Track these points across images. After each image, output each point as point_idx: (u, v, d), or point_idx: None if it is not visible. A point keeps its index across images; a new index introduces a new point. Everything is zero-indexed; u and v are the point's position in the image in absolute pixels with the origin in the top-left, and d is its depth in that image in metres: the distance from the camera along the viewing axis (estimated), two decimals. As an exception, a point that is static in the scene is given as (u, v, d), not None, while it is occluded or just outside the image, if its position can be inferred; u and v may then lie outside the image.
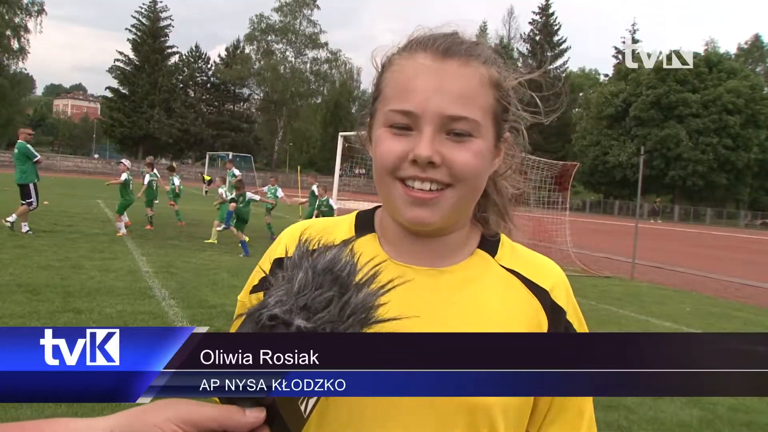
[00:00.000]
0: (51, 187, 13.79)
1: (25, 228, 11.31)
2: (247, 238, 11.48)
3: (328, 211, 13.04)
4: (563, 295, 0.90)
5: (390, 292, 0.71)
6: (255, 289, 0.93)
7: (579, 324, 0.90)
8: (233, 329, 0.94)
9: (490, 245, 0.93)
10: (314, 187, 14.69)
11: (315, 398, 0.67)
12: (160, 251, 10.84)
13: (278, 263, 0.90)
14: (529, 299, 0.88)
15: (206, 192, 33.80)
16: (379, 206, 0.96)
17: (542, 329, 0.87)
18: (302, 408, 0.65)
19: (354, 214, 1.00)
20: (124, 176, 13.04)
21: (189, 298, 7.38)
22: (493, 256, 0.92)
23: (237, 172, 15.81)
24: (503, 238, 0.95)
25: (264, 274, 0.90)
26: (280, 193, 15.88)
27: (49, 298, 6.72)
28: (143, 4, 73.01)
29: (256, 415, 0.62)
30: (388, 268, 0.77)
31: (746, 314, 9.92)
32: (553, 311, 0.88)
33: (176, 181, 15.10)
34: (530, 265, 0.92)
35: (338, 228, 0.96)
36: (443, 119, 0.82)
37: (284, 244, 0.93)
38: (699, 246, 26.79)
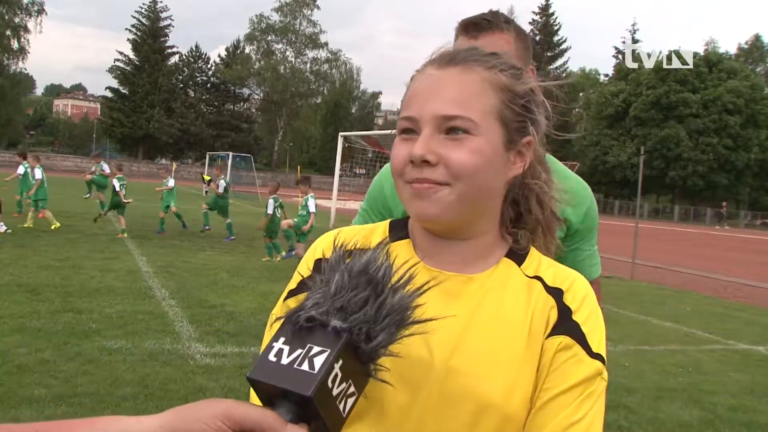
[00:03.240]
0: (51, 187, 13.78)
1: (2, 228, 11.24)
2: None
3: (303, 217, 11.11)
4: (578, 298, 0.91)
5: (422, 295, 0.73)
6: (292, 294, 0.95)
7: (590, 328, 0.89)
8: (269, 333, 0.94)
9: (517, 256, 0.95)
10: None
11: (354, 397, 0.68)
12: (160, 251, 10.84)
13: (316, 266, 0.94)
14: (546, 299, 0.90)
15: (206, 192, 33.82)
16: None
17: (550, 326, 0.88)
18: (341, 407, 0.66)
19: (388, 221, 1.04)
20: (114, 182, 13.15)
21: (189, 298, 7.38)
22: (519, 266, 0.94)
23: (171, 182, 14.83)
24: (533, 251, 0.97)
25: (301, 278, 0.93)
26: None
27: (49, 298, 6.72)
28: (143, 4, 73.04)
29: (295, 430, 0.63)
30: (421, 272, 0.81)
31: (746, 314, 9.92)
32: (563, 310, 0.89)
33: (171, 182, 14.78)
34: (553, 273, 0.94)
35: (373, 234, 1.00)
36: (438, 119, 0.86)
37: (321, 249, 0.98)
38: (699, 246, 26.79)
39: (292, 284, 0.96)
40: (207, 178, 34.19)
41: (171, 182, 14.68)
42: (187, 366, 4.96)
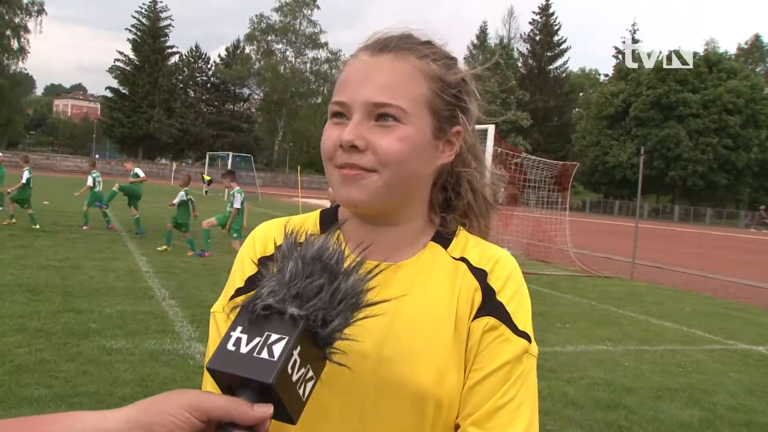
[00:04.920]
0: (51, 187, 13.77)
1: None
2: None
3: (225, 215, 10.64)
4: (502, 278, 0.91)
5: None
6: (240, 292, 0.94)
7: (515, 307, 0.89)
8: (213, 328, 0.97)
9: (443, 239, 0.96)
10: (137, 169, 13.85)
11: (312, 381, 0.69)
12: (160, 251, 10.85)
13: (262, 261, 0.94)
14: (471, 281, 0.91)
15: (206, 192, 33.83)
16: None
17: (475, 308, 0.89)
18: (300, 392, 0.68)
19: (318, 211, 1.05)
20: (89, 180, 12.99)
21: (189, 298, 7.38)
22: (446, 249, 0.95)
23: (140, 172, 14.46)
24: (462, 233, 0.98)
25: (250, 274, 0.94)
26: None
27: (49, 298, 6.72)
28: (143, 4, 73.10)
29: (264, 410, 0.64)
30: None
31: (746, 314, 9.92)
32: (486, 291, 0.90)
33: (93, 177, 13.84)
34: (478, 253, 0.95)
35: (305, 224, 1.01)
36: (368, 106, 0.86)
37: (262, 243, 0.98)
38: (699, 246, 26.80)
39: (238, 282, 0.95)
40: (207, 178, 34.23)
41: (89, 181, 13.87)
42: (187, 366, 4.96)
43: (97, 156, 71.31)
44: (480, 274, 0.92)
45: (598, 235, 26.77)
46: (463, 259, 0.94)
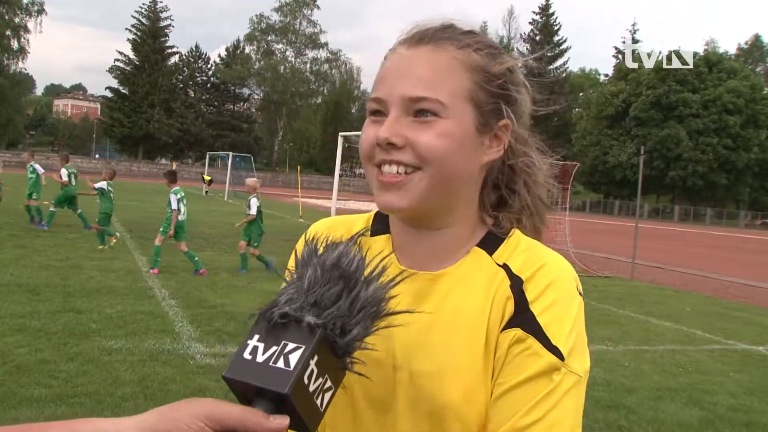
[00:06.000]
0: (50, 187, 13.77)
1: None
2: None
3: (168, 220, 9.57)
4: (540, 287, 0.82)
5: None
6: None
7: (549, 319, 0.80)
8: None
9: (491, 243, 0.89)
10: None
11: (331, 392, 0.68)
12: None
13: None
14: (505, 290, 0.84)
15: (206, 192, 33.82)
16: None
17: (506, 319, 0.82)
18: (318, 402, 0.66)
19: (374, 212, 0.99)
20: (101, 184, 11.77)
21: (189, 298, 7.38)
22: (491, 254, 0.88)
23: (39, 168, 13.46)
24: (515, 235, 0.90)
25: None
26: (40, 168, 13.38)
27: (49, 298, 6.72)
28: (143, 4, 73.10)
29: (279, 421, 0.63)
30: (391, 268, 0.78)
31: (746, 314, 9.92)
32: (519, 300, 0.83)
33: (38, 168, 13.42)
34: (524, 258, 0.87)
35: (354, 225, 0.98)
36: (406, 101, 0.82)
37: (312, 235, 0.95)
38: (699, 246, 26.80)
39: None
40: (207, 178, 34.22)
41: (64, 176, 13.30)
42: (187, 366, 4.95)
43: (97, 156, 71.38)
44: (516, 282, 0.84)
45: (598, 235, 26.76)
46: (504, 266, 0.86)
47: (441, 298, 0.86)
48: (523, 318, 0.81)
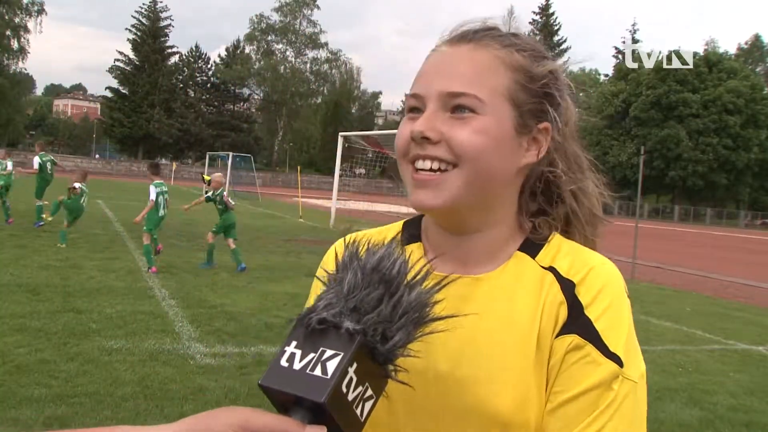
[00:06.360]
0: (50, 187, 13.77)
1: None
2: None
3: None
4: (593, 291, 0.81)
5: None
6: None
7: (606, 325, 0.79)
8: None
9: (532, 247, 0.87)
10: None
11: (372, 401, 0.65)
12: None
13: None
14: (557, 294, 0.82)
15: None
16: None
17: (560, 324, 0.80)
18: (358, 412, 0.64)
19: (402, 222, 0.98)
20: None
21: (189, 298, 7.38)
22: (534, 257, 0.86)
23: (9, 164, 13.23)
24: (556, 239, 0.88)
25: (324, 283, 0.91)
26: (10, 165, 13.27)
27: (49, 298, 6.72)
28: (143, 4, 73.09)
29: (316, 429, 0.61)
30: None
31: (746, 314, 9.92)
32: (573, 305, 0.80)
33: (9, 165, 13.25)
34: (570, 261, 0.85)
35: (387, 235, 0.96)
36: (443, 97, 0.81)
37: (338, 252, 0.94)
38: (699, 246, 26.80)
39: (317, 289, 0.90)
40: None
41: (9, 165, 13.27)
42: (187, 366, 4.95)
43: (97, 156, 71.41)
44: (567, 285, 0.82)
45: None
46: (551, 269, 0.84)
47: (486, 302, 0.83)
48: (578, 323, 0.79)
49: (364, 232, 0.97)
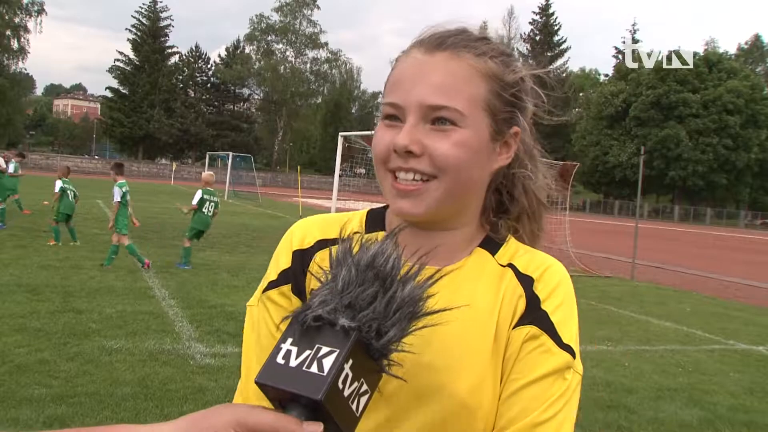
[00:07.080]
0: (50, 188, 13.77)
1: None
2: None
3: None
4: (549, 287, 0.86)
5: None
6: (273, 285, 0.92)
7: (560, 318, 0.84)
8: (248, 321, 0.95)
9: (492, 245, 0.92)
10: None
11: (367, 395, 0.66)
12: (160, 251, 10.84)
13: (297, 255, 0.92)
14: (515, 288, 0.87)
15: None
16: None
17: (517, 316, 0.85)
18: (353, 407, 0.64)
19: (365, 210, 0.99)
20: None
21: (189, 298, 7.38)
22: (493, 255, 0.91)
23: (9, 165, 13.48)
24: (512, 241, 0.93)
25: (282, 269, 0.92)
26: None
27: (49, 298, 6.72)
28: (143, 4, 73.10)
29: (313, 429, 0.61)
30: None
31: (746, 314, 9.92)
32: (531, 298, 0.85)
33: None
34: (527, 260, 0.90)
35: (349, 224, 0.96)
36: (424, 109, 0.82)
37: (299, 236, 0.95)
38: (699, 246, 26.80)
39: (272, 275, 0.93)
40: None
41: (11, 167, 13.45)
42: (187, 366, 4.96)
43: (97, 157, 71.39)
44: (526, 281, 0.87)
45: (598, 234, 26.76)
46: (510, 266, 0.89)
47: (449, 294, 0.85)
48: (535, 315, 0.84)
49: (318, 219, 0.98)
